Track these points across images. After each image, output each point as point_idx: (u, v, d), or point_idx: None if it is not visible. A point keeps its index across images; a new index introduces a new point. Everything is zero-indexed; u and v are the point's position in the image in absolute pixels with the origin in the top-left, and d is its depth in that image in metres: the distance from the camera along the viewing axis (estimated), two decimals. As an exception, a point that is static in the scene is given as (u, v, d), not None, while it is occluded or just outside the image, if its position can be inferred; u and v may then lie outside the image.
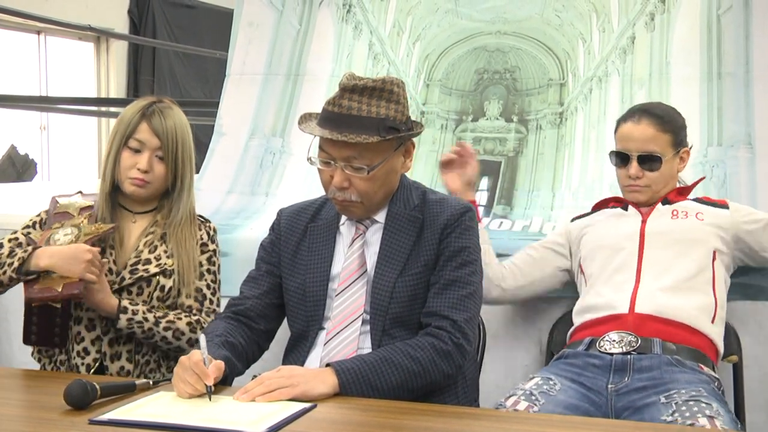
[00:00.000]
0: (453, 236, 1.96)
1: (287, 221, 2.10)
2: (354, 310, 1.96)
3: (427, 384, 1.87)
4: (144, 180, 2.16)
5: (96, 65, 9.60)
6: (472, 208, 2.03)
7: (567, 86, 3.23)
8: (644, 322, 2.13)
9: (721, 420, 1.79)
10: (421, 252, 1.96)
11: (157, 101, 2.22)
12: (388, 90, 1.90)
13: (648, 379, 2.01)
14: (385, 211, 2.01)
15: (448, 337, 1.88)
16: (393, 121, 1.89)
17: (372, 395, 1.78)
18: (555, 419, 1.77)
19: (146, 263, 2.16)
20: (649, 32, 3.13)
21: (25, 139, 7.97)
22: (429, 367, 1.85)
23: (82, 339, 2.15)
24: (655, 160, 2.29)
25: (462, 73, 3.36)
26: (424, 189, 2.07)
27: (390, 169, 1.95)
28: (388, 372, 1.81)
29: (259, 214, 3.12)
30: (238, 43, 3.52)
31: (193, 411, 1.65)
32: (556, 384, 2.02)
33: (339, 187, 1.92)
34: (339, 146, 1.89)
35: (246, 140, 3.37)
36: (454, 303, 1.92)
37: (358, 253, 2.00)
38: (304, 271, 2.03)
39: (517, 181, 3.12)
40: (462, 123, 3.30)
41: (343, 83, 1.91)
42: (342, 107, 1.88)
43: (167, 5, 10.19)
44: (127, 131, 2.17)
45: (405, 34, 3.45)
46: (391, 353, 1.85)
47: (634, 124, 2.31)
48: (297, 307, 2.03)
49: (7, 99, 7.16)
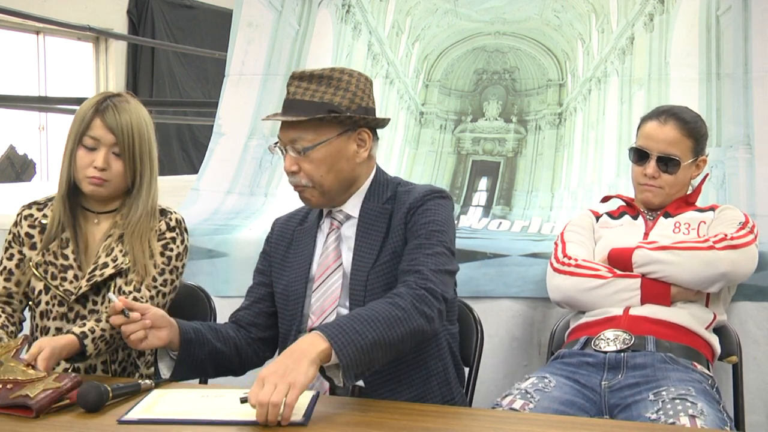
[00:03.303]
0: (417, 215, 1.97)
1: (279, 230, 2.16)
2: (331, 302, 1.98)
3: (412, 330, 1.80)
4: (101, 178, 2.08)
5: (95, 65, 9.60)
6: (439, 190, 2.02)
7: (566, 87, 3.23)
8: (638, 322, 2.15)
9: (703, 420, 1.79)
10: (390, 241, 1.98)
11: (112, 95, 2.12)
12: (337, 78, 1.96)
13: (641, 376, 2.03)
14: (359, 206, 2.03)
15: (416, 284, 1.85)
16: (336, 106, 1.94)
17: (362, 345, 1.70)
18: (550, 419, 1.77)
19: (103, 267, 2.09)
20: (648, 33, 3.13)
21: (24, 139, 7.97)
22: (410, 309, 1.80)
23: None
24: (674, 163, 2.30)
25: (461, 73, 3.36)
26: (398, 181, 2.09)
27: (336, 153, 1.96)
28: (373, 319, 1.76)
29: (259, 214, 3.12)
30: (238, 43, 3.52)
31: (215, 406, 1.68)
32: (551, 381, 2.04)
33: (289, 170, 1.97)
34: (285, 129, 1.96)
35: (245, 140, 3.37)
36: (420, 260, 1.90)
37: (333, 246, 2.03)
38: (288, 274, 2.07)
39: (516, 182, 3.12)
40: (461, 123, 3.30)
41: (293, 72, 1.98)
42: (290, 93, 1.96)
43: (166, 5, 10.19)
44: (81, 128, 2.08)
45: (404, 34, 3.45)
46: (370, 304, 1.82)
47: (659, 124, 2.32)
48: (283, 309, 2.07)
49: (6, 99, 7.16)
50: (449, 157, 3.24)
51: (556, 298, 2.32)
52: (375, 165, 2.09)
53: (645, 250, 2.21)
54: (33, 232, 2.15)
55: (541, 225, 2.92)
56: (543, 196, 3.06)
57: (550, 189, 3.08)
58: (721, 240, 2.18)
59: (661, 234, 2.29)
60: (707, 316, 2.21)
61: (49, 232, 2.13)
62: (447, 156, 3.25)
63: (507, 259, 2.54)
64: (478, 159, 3.20)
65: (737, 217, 2.28)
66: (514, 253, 2.62)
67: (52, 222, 2.13)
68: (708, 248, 2.17)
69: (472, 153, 3.23)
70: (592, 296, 2.22)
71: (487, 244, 2.69)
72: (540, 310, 2.60)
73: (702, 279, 2.17)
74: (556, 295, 2.31)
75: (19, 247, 2.17)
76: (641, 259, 2.21)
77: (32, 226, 2.16)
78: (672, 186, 2.33)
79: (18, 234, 2.17)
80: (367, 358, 1.71)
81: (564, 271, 2.28)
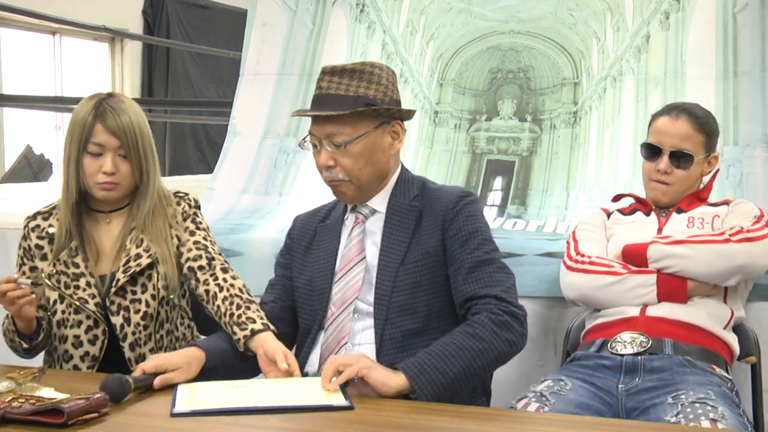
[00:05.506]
0: (458, 222, 1.98)
1: (300, 225, 2.18)
2: (351, 294, 2.00)
3: (495, 358, 1.87)
4: (113, 182, 2.09)
5: (111, 65, 9.65)
6: (469, 193, 2.05)
7: (581, 85, 3.22)
8: (655, 323, 2.13)
9: (725, 423, 1.78)
10: (421, 240, 1.99)
11: (105, 97, 2.11)
12: (368, 72, 1.97)
13: (658, 379, 2.01)
14: (386, 202, 2.04)
15: (497, 309, 1.88)
16: (372, 99, 1.95)
17: (443, 382, 1.78)
18: (567, 419, 1.76)
19: (137, 258, 2.11)
20: (664, 31, 3.11)
21: (40, 140, 8.02)
22: (492, 339, 1.85)
23: (70, 357, 2.11)
24: (687, 158, 2.29)
25: (475, 72, 3.35)
26: (424, 180, 2.10)
27: (373, 146, 1.98)
28: (453, 355, 1.81)
29: (273, 213, 3.13)
30: (252, 43, 3.52)
31: (254, 394, 1.73)
32: (567, 384, 2.02)
33: (325, 165, 1.98)
34: (320, 124, 1.97)
35: (260, 140, 3.37)
36: (487, 281, 1.93)
37: (357, 239, 2.04)
38: (311, 268, 2.08)
39: (531, 181, 3.11)
40: (475, 122, 3.29)
41: (323, 67, 1.99)
42: (321, 88, 1.97)
43: (181, 6, 10.23)
44: (83, 135, 2.07)
45: (418, 33, 3.45)
46: (450, 338, 1.86)
47: (671, 119, 2.31)
48: (305, 304, 2.08)
49: (23, 99, 7.21)
50: (464, 157, 3.24)
51: (571, 296, 2.31)
52: (400, 161, 2.10)
53: (660, 245, 2.20)
54: (42, 243, 2.16)
55: (556, 224, 2.91)
56: (558, 195, 3.05)
57: (566, 188, 3.06)
58: (737, 233, 2.16)
59: (675, 229, 2.28)
60: (725, 313, 2.19)
61: (59, 241, 2.13)
62: (462, 155, 3.24)
63: (522, 258, 2.53)
64: (492, 158, 3.20)
65: (752, 210, 2.27)
66: (529, 253, 2.61)
67: (59, 232, 2.14)
68: (724, 241, 2.15)
69: (487, 152, 3.22)
70: (607, 293, 2.20)
71: (502, 244, 2.66)
72: (555, 310, 2.59)
73: (719, 272, 2.15)
74: (570, 293, 2.30)
75: (31, 262, 2.17)
76: (656, 253, 2.19)
77: (41, 237, 2.16)
78: (683, 182, 2.31)
79: (29, 248, 2.17)
80: (447, 392, 1.78)
81: (577, 269, 2.27)
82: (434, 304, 1.98)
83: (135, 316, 2.10)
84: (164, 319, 2.14)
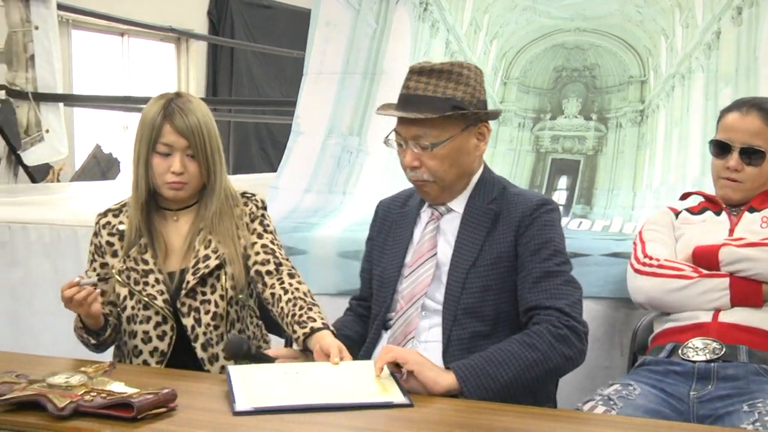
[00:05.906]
0: (532, 230, 1.96)
1: (383, 212, 2.20)
2: (420, 289, 2.00)
3: (549, 370, 1.86)
4: (181, 182, 2.12)
5: (177, 65, 9.82)
6: (548, 201, 2.03)
7: (648, 83, 3.16)
8: (729, 330, 2.06)
9: None
10: (495, 244, 1.97)
11: (173, 97, 2.14)
12: (457, 72, 1.95)
13: (732, 387, 1.95)
14: (464, 203, 2.03)
15: (558, 321, 1.86)
16: (460, 101, 1.93)
17: (493, 387, 1.78)
18: (636, 422, 1.73)
19: (206, 259, 2.14)
20: (736, 27, 3.03)
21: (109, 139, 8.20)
22: (548, 352, 1.84)
23: (140, 352, 2.15)
24: (758, 155, 2.22)
25: (540, 70, 3.32)
26: (505, 184, 2.08)
27: (459, 148, 1.97)
28: (507, 362, 1.80)
29: (337, 212, 3.15)
30: (316, 42, 3.55)
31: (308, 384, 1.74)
32: (635, 389, 1.97)
33: (410, 165, 1.98)
34: (407, 125, 1.96)
35: (323, 139, 3.39)
36: (552, 292, 1.91)
37: (430, 236, 2.04)
38: (386, 259, 2.10)
39: (597, 181, 3.07)
40: (540, 121, 3.26)
41: (411, 66, 1.97)
42: (409, 89, 1.95)
43: (245, 6, 10.36)
44: (152, 136, 2.10)
45: (482, 32, 3.43)
46: (506, 344, 1.85)
47: (741, 115, 2.24)
48: (377, 292, 2.10)
49: (92, 99, 7.39)
50: (528, 156, 3.21)
51: (639, 299, 2.26)
52: (483, 161, 2.09)
53: (732, 247, 2.14)
54: (113, 240, 2.20)
55: (622, 224, 2.87)
56: (624, 195, 3.00)
57: (632, 188, 3.01)
58: None
59: (747, 230, 2.20)
60: None
61: (129, 238, 2.18)
62: (526, 154, 3.21)
63: (588, 258, 2.50)
64: (557, 157, 3.16)
65: None
66: (595, 253, 2.58)
67: (129, 229, 2.18)
68: None
69: (551, 151, 3.19)
70: (678, 297, 2.15)
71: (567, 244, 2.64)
72: (622, 311, 2.55)
73: None
74: (638, 296, 2.25)
75: (101, 258, 2.22)
76: (729, 256, 2.13)
77: (111, 234, 2.21)
78: (754, 180, 2.23)
79: (99, 244, 2.22)
80: (496, 398, 1.77)
81: (646, 272, 2.22)
82: (502, 308, 1.97)
83: (205, 317, 2.13)
84: (234, 318, 2.18)
